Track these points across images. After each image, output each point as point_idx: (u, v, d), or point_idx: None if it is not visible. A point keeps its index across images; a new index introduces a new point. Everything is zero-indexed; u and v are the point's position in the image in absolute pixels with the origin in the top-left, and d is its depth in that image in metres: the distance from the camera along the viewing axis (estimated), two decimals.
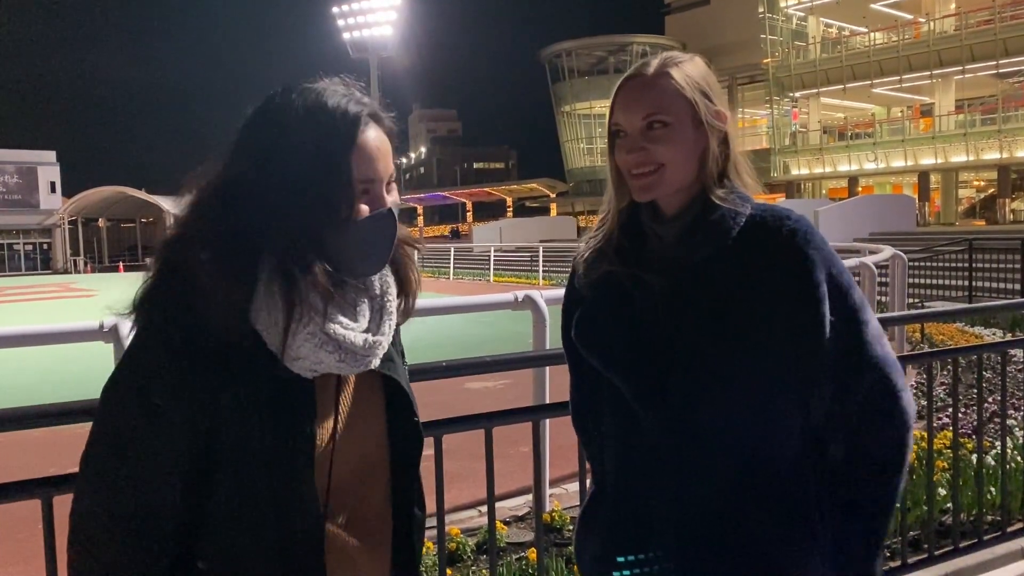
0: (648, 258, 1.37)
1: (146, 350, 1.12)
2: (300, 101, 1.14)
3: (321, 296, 1.12)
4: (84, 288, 33.11)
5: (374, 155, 1.15)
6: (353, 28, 56.17)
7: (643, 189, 1.33)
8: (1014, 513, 3.63)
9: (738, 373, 1.27)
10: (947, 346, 9.25)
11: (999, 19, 34.88)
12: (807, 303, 1.27)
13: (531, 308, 4.19)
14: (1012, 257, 13.90)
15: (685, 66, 1.35)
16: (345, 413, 1.21)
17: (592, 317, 1.40)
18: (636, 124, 1.32)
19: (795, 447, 1.31)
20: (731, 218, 1.32)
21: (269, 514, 1.13)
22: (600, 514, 1.43)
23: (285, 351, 1.11)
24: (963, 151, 36.65)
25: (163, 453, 1.11)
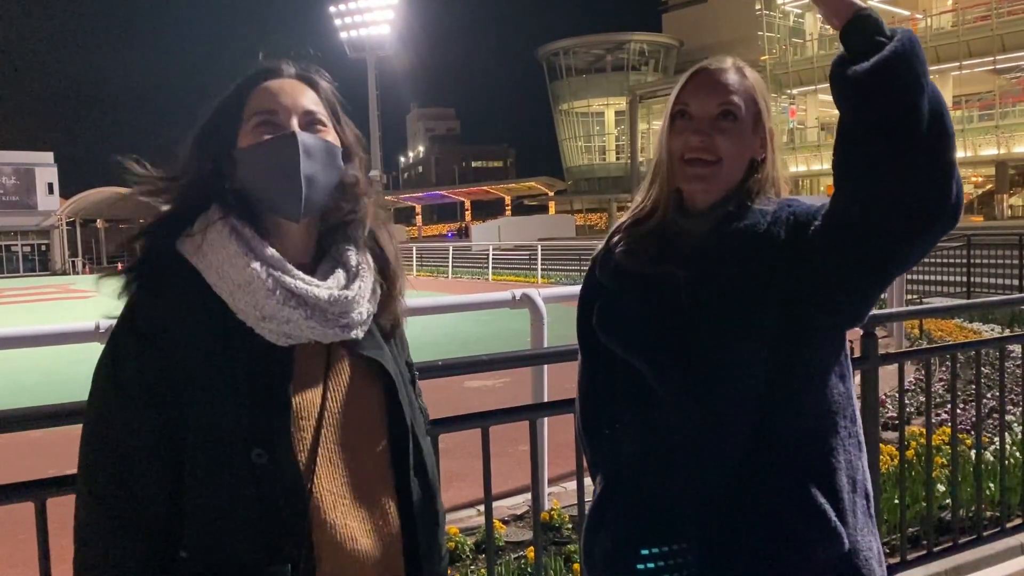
0: (677, 246, 1.37)
1: (116, 335, 1.17)
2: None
3: (271, 240, 1.20)
4: (83, 289, 33.08)
5: (277, 91, 1.23)
6: (350, 27, 56.17)
7: (696, 178, 1.34)
8: (1013, 509, 3.63)
9: (756, 353, 1.28)
10: (946, 342, 9.26)
11: (996, 15, 34.93)
12: (778, 238, 1.29)
13: (529, 306, 4.18)
14: (1010, 253, 13.90)
15: (755, 74, 1.39)
16: (336, 390, 1.21)
17: (614, 303, 1.42)
18: (709, 110, 1.34)
19: (811, 419, 1.32)
20: (761, 215, 1.33)
21: (247, 487, 1.12)
22: (611, 510, 1.42)
23: (250, 310, 1.14)
24: (961, 147, 36.66)
25: (137, 432, 1.13)
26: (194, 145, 1.23)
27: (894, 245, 1.15)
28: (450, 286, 24.82)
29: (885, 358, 2.98)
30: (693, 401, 1.30)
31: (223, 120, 1.23)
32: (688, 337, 1.31)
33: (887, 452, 4.03)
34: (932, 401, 3.43)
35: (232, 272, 1.15)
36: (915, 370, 6.59)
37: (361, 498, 1.22)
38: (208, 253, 1.16)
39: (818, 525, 1.29)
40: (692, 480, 1.31)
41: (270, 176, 1.20)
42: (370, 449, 1.24)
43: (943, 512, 3.62)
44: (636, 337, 1.36)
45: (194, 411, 1.13)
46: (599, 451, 1.48)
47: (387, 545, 1.25)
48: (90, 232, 59.79)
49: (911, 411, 5.85)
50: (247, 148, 1.21)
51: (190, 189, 1.22)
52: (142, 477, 1.14)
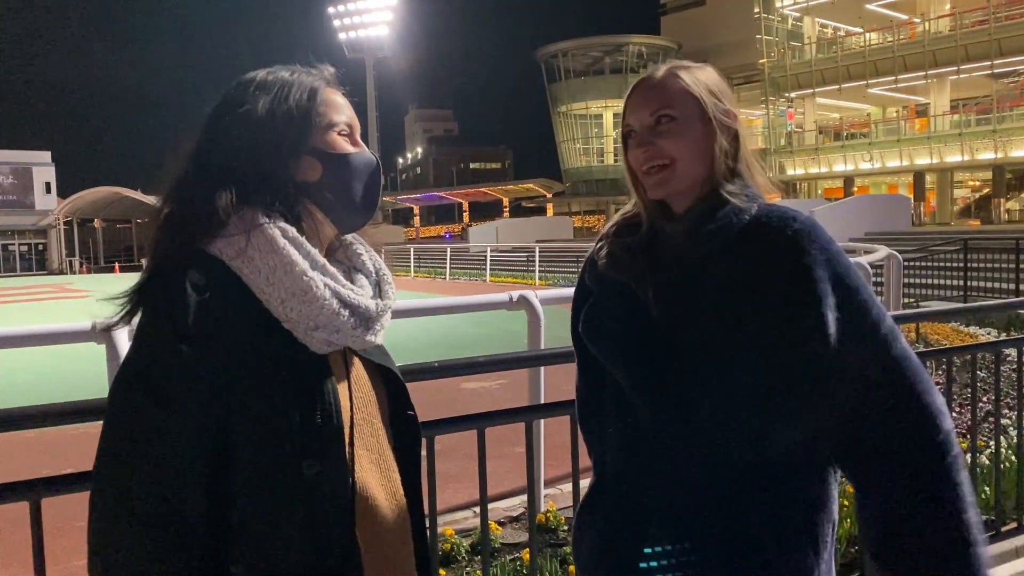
0: (658, 254, 1.38)
1: (153, 337, 1.09)
2: (262, 72, 1.24)
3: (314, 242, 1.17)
4: (80, 289, 33.05)
5: (344, 105, 1.25)
6: (349, 28, 56.16)
7: (657, 185, 1.36)
8: (1008, 513, 3.63)
9: (735, 370, 1.26)
10: (942, 346, 9.27)
11: (994, 19, 34.97)
12: (806, 299, 1.24)
13: (526, 308, 4.19)
14: (1007, 257, 13.93)
15: (693, 70, 1.40)
16: (359, 395, 1.22)
17: (597, 311, 1.42)
18: (645, 121, 1.36)
19: (794, 448, 1.29)
20: (735, 214, 1.31)
21: (297, 499, 1.10)
22: (598, 507, 1.43)
23: (302, 320, 1.11)
24: (958, 151, 36.75)
25: (181, 445, 1.06)
26: (240, 141, 1.16)
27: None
28: (448, 287, 24.82)
29: None
30: (667, 418, 1.29)
31: (295, 120, 1.19)
32: (662, 353, 1.29)
33: None
34: None
35: (286, 280, 1.11)
36: None
37: (388, 503, 1.24)
38: (256, 258, 1.10)
39: (789, 552, 1.28)
40: (667, 493, 1.31)
41: (356, 187, 1.23)
42: (386, 453, 1.26)
43: None
44: (615, 349, 1.36)
45: (241, 424, 1.09)
46: (592, 451, 1.50)
47: (407, 549, 1.28)
48: (87, 232, 59.76)
49: None
50: (339, 154, 1.22)
51: (221, 186, 1.14)
52: (188, 494, 1.07)
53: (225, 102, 1.21)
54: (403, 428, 1.30)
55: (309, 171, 1.20)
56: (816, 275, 1.25)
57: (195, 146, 1.20)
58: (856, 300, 1.26)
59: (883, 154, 39.49)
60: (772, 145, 44.12)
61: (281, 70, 1.24)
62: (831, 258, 1.27)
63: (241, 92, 1.21)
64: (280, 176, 1.17)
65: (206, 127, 1.21)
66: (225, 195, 1.13)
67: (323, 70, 1.27)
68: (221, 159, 1.16)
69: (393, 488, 1.26)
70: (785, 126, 44.39)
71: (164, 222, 1.16)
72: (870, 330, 1.26)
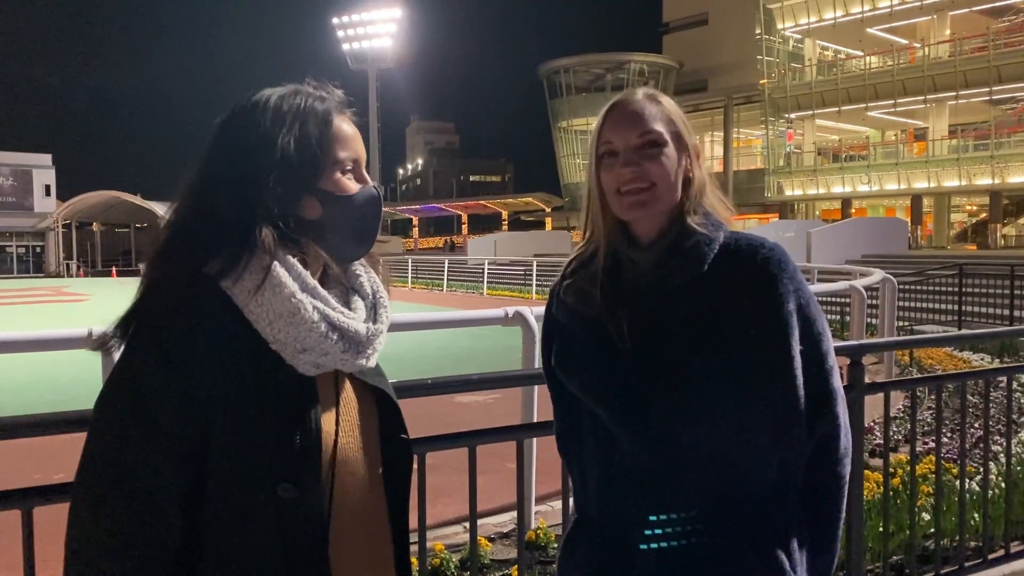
0: (624, 285, 1.39)
1: (138, 360, 1.10)
2: (273, 94, 1.21)
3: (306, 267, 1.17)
4: (76, 292, 32.98)
5: (352, 137, 1.24)
6: (353, 39, 56.32)
7: (635, 206, 1.36)
8: (996, 540, 3.64)
9: (715, 399, 1.28)
10: (935, 370, 9.29)
11: (993, 46, 35.21)
12: (779, 332, 1.30)
13: (521, 324, 4.19)
14: (1002, 283, 13.97)
15: (666, 98, 1.43)
16: (347, 419, 1.21)
17: (570, 345, 1.42)
18: (631, 141, 1.36)
19: (772, 473, 1.33)
20: (706, 244, 1.34)
21: (270, 522, 1.10)
22: (583, 541, 1.43)
23: (289, 342, 1.10)
24: (956, 176, 36.89)
25: (163, 467, 1.08)
26: (256, 172, 1.15)
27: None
28: (444, 299, 24.82)
29: (871, 387, 3.00)
30: (652, 451, 1.31)
31: (306, 161, 1.18)
32: (638, 385, 1.31)
33: (873, 479, 4.04)
34: (918, 430, 3.45)
35: (275, 301, 1.11)
36: (904, 397, 6.62)
37: (368, 528, 1.24)
38: (245, 279, 1.10)
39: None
40: (653, 521, 1.32)
41: (356, 225, 1.23)
42: (371, 476, 1.25)
43: (927, 541, 3.64)
44: (592, 383, 1.37)
45: (219, 445, 1.09)
46: (573, 481, 1.50)
47: (387, 566, 1.27)
48: (86, 235, 59.68)
49: (899, 439, 5.87)
50: (340, 196, 1.20)
51: (224, 214, 1.14)
52: (163, 513, 1.08)
53: (234, 124, 1.19)
54: (394, 451, 1.29)
55: (310, 209, 1.19)
56: (788, 307, 1.31)
57: (199, 168, 1.18)
58: (812, 332, 1.34)
59: (881, 177, 39.65)
60: (771, 165, 44.28)
61: (292, 96, 1.20)
62: (797, 288, 1.33)
63: (252, 116, 1.18)
64: (280, 212, 1.16)
65: (212, 147, 1.19)
66: (224, 223, 1.13)
67: (333, 95, 1.24)
68: (224, 187, 1.15)
69: (376, 514, 1.26)
70: (784, 147, 44.56)
71: (162, 245, 1.17)
72: (820, 361, 1.35)
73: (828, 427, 1.36)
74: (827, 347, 1.37)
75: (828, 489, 1.39)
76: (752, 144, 52.40)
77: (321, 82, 1.26)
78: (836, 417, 1.37)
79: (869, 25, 40.65)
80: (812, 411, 1.34)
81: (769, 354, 1.30)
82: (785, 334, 1.30)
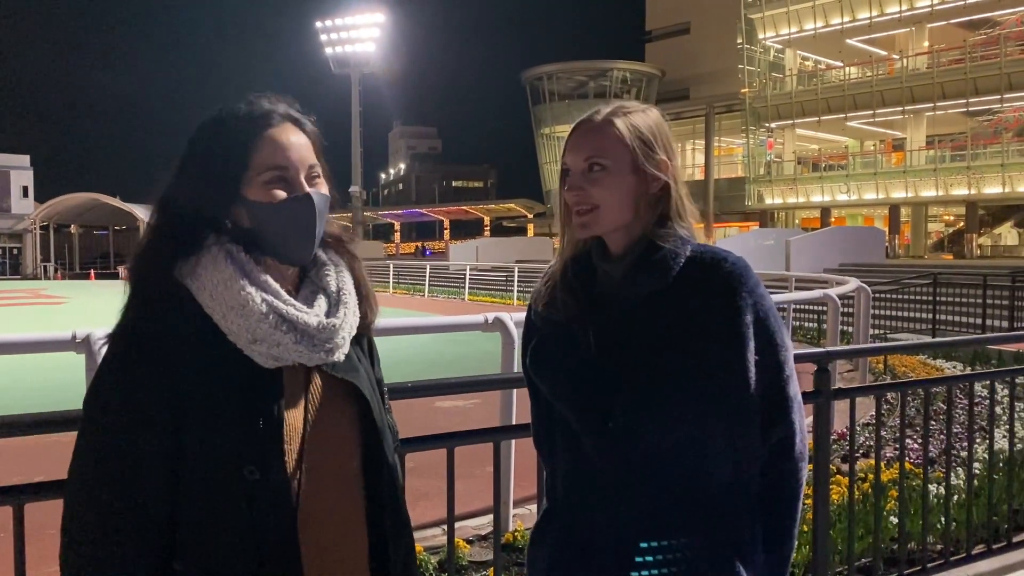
0: (597, 293, 1.47)
1: (121, 355, 1.20)
2: (227, 108, 1.28)
3: (262, 265, 1.25)
4: (54, 295, 32.66)
5: (285, 145, 1.26)
6: (336, 43, 56.09)
7: (580, 227, 1.44)
8: (960, 542, 3.74)
9: (674, 404, 1.36)
10: (908, 377, 9.44)
11: (969, 59, 35.72)
12: (735, 343, 1.37)
13: (500, 330, 4.26)
14: (975, 292, 14.20)
15: (633, 116, 1.45)
16: (314, 410, 1.27)
17: (543, 348, 1.50)
18: (579, 165, 1.44)
19: (726, 475, 1.40)
20: (672, 258, 1.41)
21: (239, 503, 1.18)
22: (550, 530, 1.51)
23: (241, 332, 1.19)
24: (933, 186, 37.34)
25: (150, 455, 1.18)
26: (189, 187, 1.26)
27: None
28: (426, 304, 24.80)
29: (837, 393, 3.10)
30: (612, 453, 1.38)
31: (226, 167, 1.25)
32: (603, 389, 1.38)
33: (843, 483, 4.14)
34: (887, 435, 3.55)
35: (226, 294, 1.20)
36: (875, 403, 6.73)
37: (340, 514, 1.30)
38: (202, 275, 1.21)
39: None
40: (612, 523, 1.39)
41: (285, 232, 1.27)
42: (346, 466, 1.31)
43: (893, 544, 3.74)
44: (559, 385, 1.45)
45: (191, 430, 1.18)
46: (547, 475, 1.57)
47: (360, 565, 1.33)
48: (64, 237, 59.07)
49: (870, 444, 5.98)
50: (265, 205, 1.25)
51: (184, 220, 1.25)
52: (152, 495, 1.18)
53: (194, 137, 1.29)
54: (371, 446, 1.34)
55: (243, 218, 1.27)
56: (745, 320, 1.38)
57: (170, 177, 1.28)
58: (771, 343, 1.41)
59: (860, 186, 40.06)
60: (751, 174, 44.60)
61: (239, 107, 1.28)
62: (757, 301, 1.40)
63: (203, 129, 1.28)
64: (222, 219, 1.26)
65: (180, 158, 1.28)
66: (182, 229, 1.24)
67: (277, 105, 1.29)
68: (180, 197, 1.26)
69: (351, 504, 1.31)
70: (765, 156, 44.89)
71: (138, 252, 1.27)
72: (776, 370, 1.42)
73: (784, 432, 1.43)
74: (784, 357, 1.43)
75: (783, 490, 1.46)
76: (733, 153, 52.78)
77: (279, 94, 1.32)
78: (792, 423, 1.44)
79: (849, 36, 41.10)
80: (769, 417, 1.41)
81: (725, 363, 1.37)
82: (741, 344, 1.37)
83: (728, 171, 51.58)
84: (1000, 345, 9.67)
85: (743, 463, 1.41)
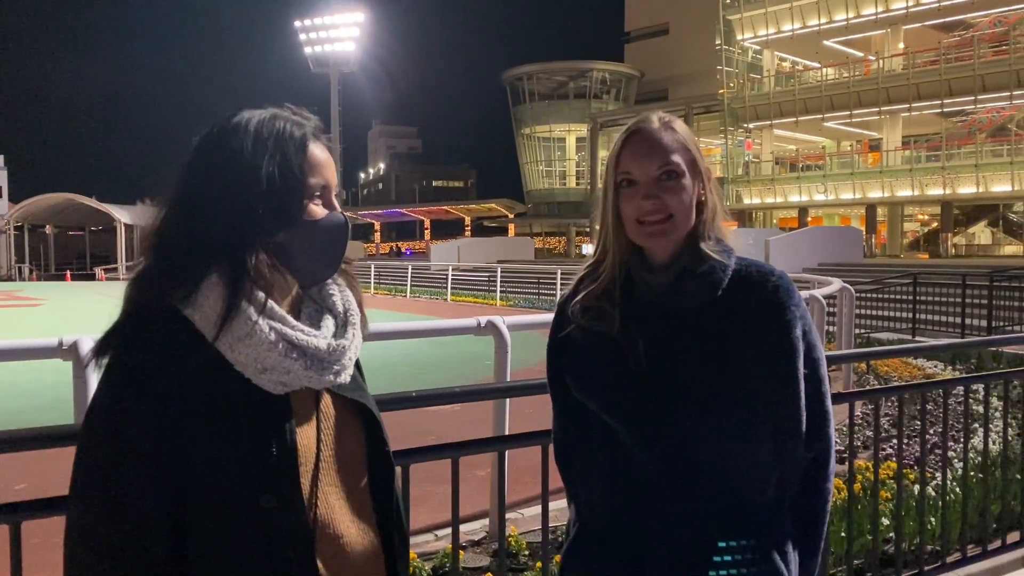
0: (638, 305, 1.44)
1: (113, 388, 1.15)
2: (252, 118, 1.22)
3: (265, 289, 1.18)
4: (30, 297, 32.18)
5: (324, 164, 1.25)
6: (315, 43, 55.86)
7: (654, 235, 1.40)
8: (953, 543, 3.77)
9: (727, 416, 1.35)
10: (891, 376, 9.53)
11: (944, 60, 36.17)
12: (788, 357, 1.38)
13: (493, 334, 4.18)
14: (954, 291, 14.37)
15: (678, 122, 1.46)
16: (328, 431, 1.24)
17: (588, 363, 1.47)
18: (651, 173, 1.40)
19: (772, 488, 1.40)
20: (720, 271, 1.40)
21: (255, 532, 1.14)
22: (586, 554, 1.47)
23: (250, 363, 1.14)
24: (909, 186, 37.78)
25: (145, 488, 1.13)
26: (225, 207, 1.17)
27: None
28: (408, 305, 24.72)
29: (836, 397, 3.10)
30: (666, 464, 1.37)
31: (288, 189, 1.20)
32: (656, 402, 1.37)
33: (836, 485, 4.15)
34: (879, 437, 3.56)
35: (234, 325, 1.15)
36: (862, 404, 6.79)
37: (354, 535, 1.27)
38: (204, 305, 1.15)
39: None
40: (661, 536, 1.37)
41: (319, 252, 1.25)
42: (356, 486, 1.29)
43: (887, 545, 3.75)
44: (610, 399, 1.42)
45: (199, 463, 1.14)
46: (574, 489, 1.53)
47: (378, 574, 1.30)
48: (38, 238, 58.34)
49: (858, 445, 6.02)
50: (308, 223, 1.22)
51: (197, 244, 1.17)
52: (147, 531, 1.13)
53: (214, 147, 1.21)
54: (379, 463, 1.33)
55: (277, 234, 1.21)
56: (795, 333, 1.39)
57: (181, 190, 1.20)
58: (813, 357, 1.42)
59: (837, 186, 40.44)
60: (730, 174, 44.88)
61: (271, 120, 1.23)
62: (803, 315, 1.41)
63: (232, 140, 1.20)
64: (251, 237, 1.18)
65: (193, 170, 1.21)
66: (196, 256, 1.16)
67: (310, 121, 1.27)
68: (212, 213, 1.17)
69: (364, 524, 1.29)
70: (743, 156, 45.22)
71: (136, 277, 1.21)
72: (817, 384, 1.43)
73: (821, 446, 1.44)
74: (824, 371, 1.45)
75: (818, 503, 1.47)
76: (712, 153, 52.98)
77: (298, 107, 1.29)
78: (829, 437, 1.44)
79: (826, 37, 41.49)
80: (809, 432, 1.41)
81: (776, 377, 1.37)
82: (792, 358, 1.38)
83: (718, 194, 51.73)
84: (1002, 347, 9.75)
85: (787, 477, 1.41)
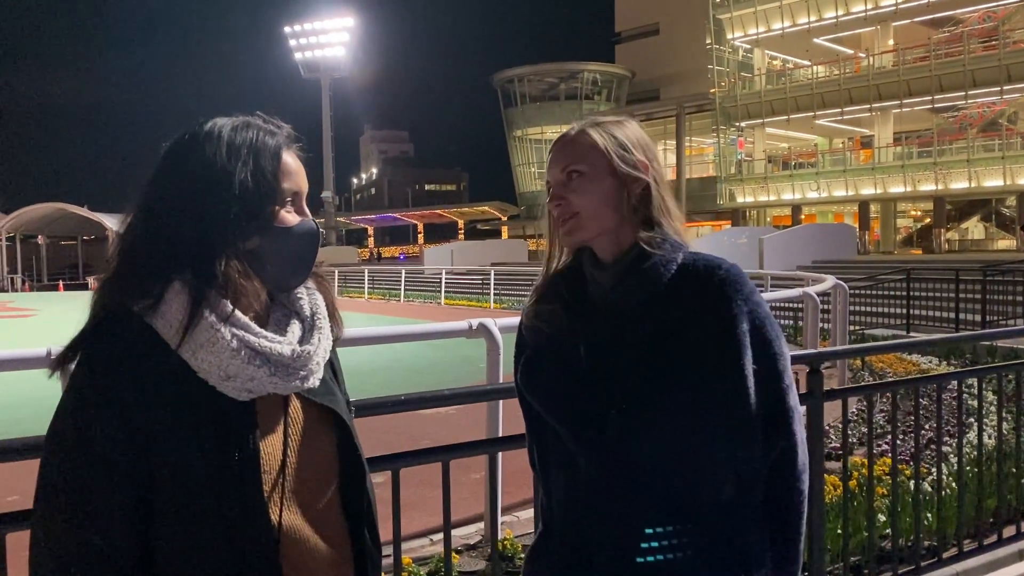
0: (589, 303, 1.43)
1: (77, 395, 1.15)
2: (225, 125, 1.23)
3: (233, 296, 1.17)
4: (23, 307, 32.07)
5: (296, 171, 1.26)
6: (305, 48, 55.84)
7: (564, 234, 1.44)
8: (949, 538, 3.76)
9: (669, 415, 1.32)
10: (886, 372, 9.53)
11: (934, 56, 36.29)
12: (731, 352, 1.33)
13: (485, 336, 4.17)
14: (947, 287, 14.39)
15: (607, 124, 1.46)
16: (295, 436, 1.23)
17: (533, 361, 1.46)
18: (558, 176, 1.44)
19: (730, 490, 1.36)
20: (663, 265, 1.37)
21: (220, 540, 1.14)
22: (547, 552, 1.47)
23: (212, 370, 1.14)
24: (901, 182, 37.88)
25: (112, 498, 1.13)
26: (197, 211, 1.17)
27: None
28: (402, 309, 24.69)
29: (830, 394, 3.09)
30: (607, 465, 1.34)
31: (261, 194, 1.20)
32: (596, 402, 1.34)
33: (831, 482, 4.15)
34: (874, 433, 3.55)
35: (196, 332, 1.14)
36: (857, 400, 6.78)
37: (320, 540, 1.26)
38: (167, 312, 1.14)
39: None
40: (609, 538, 1.35)
41: (291, 258, 1.25)
42: (325, 492, 1.28)
43: (884, 541, 3.74)
44: (551, 399, 1.41)
45: (163, 470, 1.14)
46: (543, 494, 1.53)
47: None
48: (31, 248, 58.10)
49: (853, 441, 6.02)
50: (281, 229, 1.23)
51: (162, 249, 1.17)
52: (116, 537, 1.13)
53: (185, 153, 1.21)
54: (347, 469, 1.32)
55: (249, 240, 1.21)
56: (741, 328, 1.34)
57: (148, 195, 1.20)
58: (769, 352, 1.37)
59: (830, 184, 40.53)
60: (722, 173, 44.98)
61: (244, 128, 1.23)
62: (752, 309, 1.36)
63: (205, 146, 1.20)
64: (221, 243, 1.18)
65: (162, 176, 1.21)
66: (161, 262, 1.16)
67: (282, 129, 1.27)
68: (180, 218, 1.17)
69: (332, 530, 1.28)
70: (735, 155, 45.28)
71: (102, 283, 1.20)
72: (776, 380, 1.38)
73: (785, 444, 1.39)
74: (783, 366, 1.39)
75: (787, 504, 1.41)
76: (704, 152, 53.16)
77: (269, 115, 1.29)
78: (793, 435, 1.39)
79: (816, 35, 41.59)
80: (769, 429, 1.37)
81: (723, 374, 1.33)
82: (738, 354, 1.33)
83: (699, 171, 51.93)
84: (996, 341, 9.77)
85: (746, 478, 1.37)
